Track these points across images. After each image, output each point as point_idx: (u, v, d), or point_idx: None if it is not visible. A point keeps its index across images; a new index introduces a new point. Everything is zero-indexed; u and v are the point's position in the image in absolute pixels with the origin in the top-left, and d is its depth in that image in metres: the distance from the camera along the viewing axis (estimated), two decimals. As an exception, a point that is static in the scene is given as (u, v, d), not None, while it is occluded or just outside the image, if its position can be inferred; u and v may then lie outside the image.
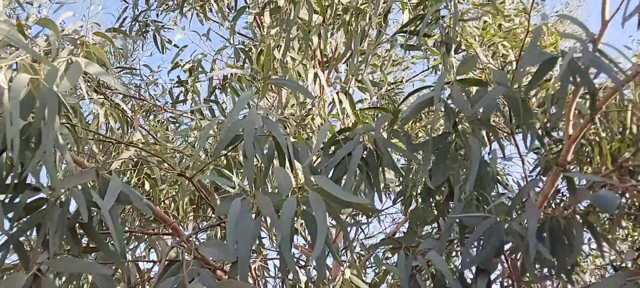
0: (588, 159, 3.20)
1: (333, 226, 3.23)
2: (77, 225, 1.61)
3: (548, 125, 3.05)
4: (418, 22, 2.05)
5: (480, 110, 1.60)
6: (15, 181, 1.49)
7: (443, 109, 1.69)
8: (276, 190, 1.62)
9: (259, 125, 1.77)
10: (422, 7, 2.16)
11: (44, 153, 1.34)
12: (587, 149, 3.14)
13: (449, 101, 1.68)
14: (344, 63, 3.50)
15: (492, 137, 1.82)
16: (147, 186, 3.01)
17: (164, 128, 4.74)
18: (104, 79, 1.43)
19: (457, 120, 1.70)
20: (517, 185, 3.24)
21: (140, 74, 5.38)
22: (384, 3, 2.55)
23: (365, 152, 1.78)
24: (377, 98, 4.96)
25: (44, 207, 1.61)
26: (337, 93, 3.73)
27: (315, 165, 1.83)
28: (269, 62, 2.77)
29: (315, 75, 3.62)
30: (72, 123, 2.68)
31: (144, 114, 5.16)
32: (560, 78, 1.57)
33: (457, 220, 1.67)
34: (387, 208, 5.18)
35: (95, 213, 1.62)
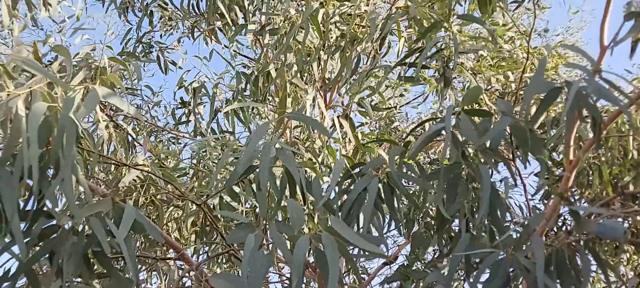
0: (589, 183, 3.24)
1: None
2: (90, 251, 1.62)
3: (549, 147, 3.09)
4: (417, 55, 2.09)
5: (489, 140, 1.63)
6: (33, 208, 1.50)
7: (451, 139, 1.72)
8: (288, 220, 1.64)
9: (273, 155, 1.79)
10: (421, 41, 2.21)
11: (62, 181, 1.35)
12: (588, 172, 3.18)
13: (455, 130, 1.71)
14: (343, 86, 3.55)
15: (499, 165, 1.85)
16: (153, 207, 3.01)
17: (167, 148, 4.75)
18: (118, 104, 1.45)
19: (464, 149, 1.73)
20: (519, 209, 3.27)
21: (141, 95, 5.40)
22: (379, 30, 2.60)
23: (379, 185, 1.80)
24: (377, 122, 5.02)
25: (57, 234, 1.63)
26: (338, 117, 3.77)
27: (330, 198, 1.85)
28: (285, 99, 2.80)
29: (314, 99, 3.66)
30: (81, 146, 2.69)
31: (146, 135, 5.18)
32: (568, 110, 1.61)
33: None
34: (391, 230, 5.20)
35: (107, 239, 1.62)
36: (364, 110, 3.94)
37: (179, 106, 4.81)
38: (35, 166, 1.31)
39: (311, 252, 1.51)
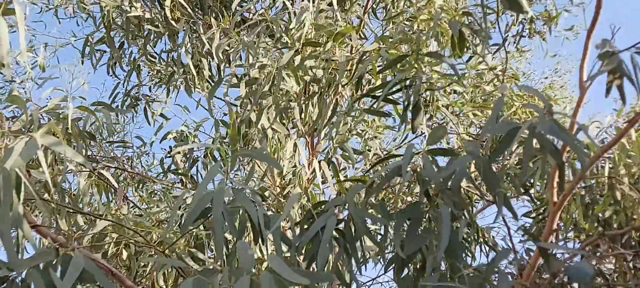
0: (574, 223, 3.17)
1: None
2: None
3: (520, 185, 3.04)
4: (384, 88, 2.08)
5: (450, 180, 1.59)
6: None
7: (414, 179, 1.69)
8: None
9: (228, 197, 1.75)
10: (391, 72, 2.21)
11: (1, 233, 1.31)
12: (573, 213, 3.12)
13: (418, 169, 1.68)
14: (322, 131, 3.54)
15: (469, 204, 1.81)
16: (124, 255, 2.94)
17: (153, 198, 4.70)
18: (60, 150, 1.41)
19: (429, 189, 1.69)
20: (506, 246, 3.18)
21: (132, 146, 5.40)
22: (352, 73, 2.61)
23: (341, 225, 1.76)
24: (365, 165, 4.99)
25: (4, 286, 1.57)
26: (319, 162, 3.73)
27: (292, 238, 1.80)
28: (236, 135, 2.78)
29: (295, 145, 3.64)
30: (48, 198, 2.65)
31: (136, 185, 5.14)
32: (524, 147, 1.58)
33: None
34: (379, 276, 5.09)
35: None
36: (346, 154, 3.91)
37: (167, 155, 4.79)
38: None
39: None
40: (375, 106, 2.32)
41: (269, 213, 1.83)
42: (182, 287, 1.40)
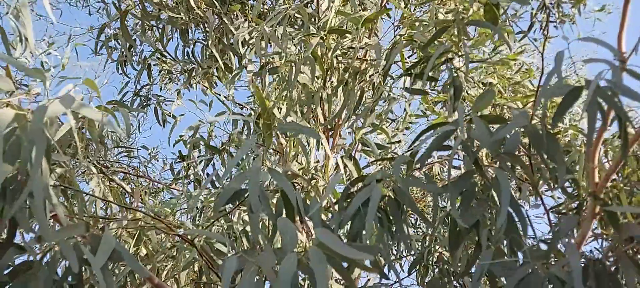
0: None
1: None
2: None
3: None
4: (423, 64, 1.98)
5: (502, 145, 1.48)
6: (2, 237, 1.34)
7: (460, 147, 1.57)
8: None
9: (264, 177, 1.65)
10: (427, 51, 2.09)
11: (32, 199, 1.20)
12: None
13: (467, 140, 1.57)
14: (345, 124, 3.43)
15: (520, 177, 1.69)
16: (143, 252, 2.83)
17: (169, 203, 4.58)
18: (90, 115, 1.32)
19: (477, 158, 1.58)
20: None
21: (137, 155, 5.28)
22: (384, 61, 2.51)
23: (384, 200, 1.64)
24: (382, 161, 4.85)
25: (30, 270, 1.47)
26: (342, 157, 3.62)
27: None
28: (266, 108, 2.67)
29: (318, 141, 3.52)
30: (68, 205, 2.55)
31: (144, 193, 5.03)
32: (587, 108, 1.46)
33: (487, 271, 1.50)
34: (403, 279, 4.95)
35: (84, 269, 1.45)
36: (369, 149, 3.79)
37: (178, 161, 4.66)
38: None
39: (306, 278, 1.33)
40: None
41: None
42: (225, 265, 1.28)
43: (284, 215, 1.65)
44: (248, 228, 2.76)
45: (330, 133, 4.11)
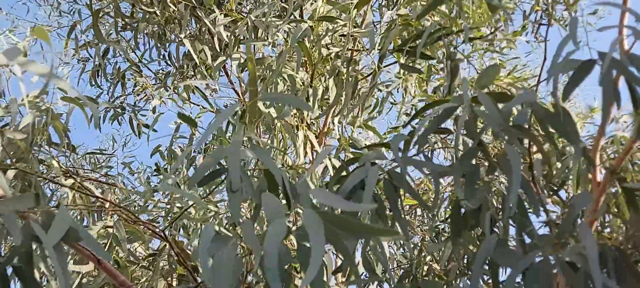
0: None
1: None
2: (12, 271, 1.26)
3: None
4: (417, 41, 1.84)
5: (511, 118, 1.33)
6: None
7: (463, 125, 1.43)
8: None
9: (245, 155, 1.48)
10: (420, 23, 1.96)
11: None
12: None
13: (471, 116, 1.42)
14: (338, 113, 3.27)
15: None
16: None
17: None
18: (57, 83, 1.14)
19: (480, 139, 1.43)
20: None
21: (116, 169, 5.03)
22: (378, 46, 2.37)
23: (378, 184, 1.48)
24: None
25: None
26: (330, 158, 3.46)
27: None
28: (256, 89, 2.51)
29: (306, 137, 3.37)
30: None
31: (107, 188, 4.77)
32: (601, 81, 1.33)
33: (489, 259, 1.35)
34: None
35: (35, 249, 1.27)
36: (358, 150, 3.64)
37: (154, 173, 4.43)
38: None
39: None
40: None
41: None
42: (203, 232, 1.10)
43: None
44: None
45: (318, 133, 3.96)
